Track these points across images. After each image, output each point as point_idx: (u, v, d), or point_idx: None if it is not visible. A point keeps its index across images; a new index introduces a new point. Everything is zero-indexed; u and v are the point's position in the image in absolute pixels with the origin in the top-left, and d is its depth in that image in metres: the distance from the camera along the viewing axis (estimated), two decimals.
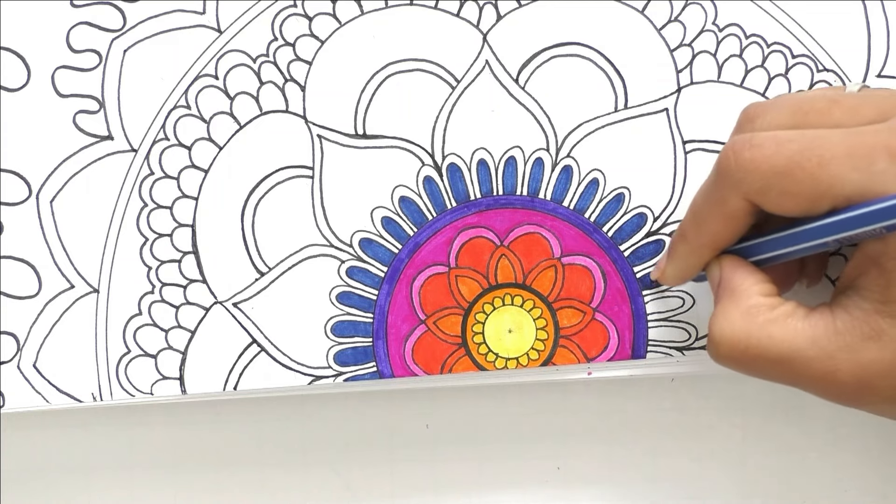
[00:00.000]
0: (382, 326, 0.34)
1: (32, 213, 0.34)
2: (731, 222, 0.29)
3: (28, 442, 0.38)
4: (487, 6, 0.34)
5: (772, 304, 0.28)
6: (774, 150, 0.27)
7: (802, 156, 0.26)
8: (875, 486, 0.37)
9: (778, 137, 0.27)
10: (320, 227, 0.34)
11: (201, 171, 0.34)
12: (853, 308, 0.27)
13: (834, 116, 0.28)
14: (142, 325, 0.34)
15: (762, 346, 0.28)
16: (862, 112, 0.27)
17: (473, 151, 0.34)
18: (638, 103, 0.34)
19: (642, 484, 0.38)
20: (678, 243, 0.31)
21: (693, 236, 0.30)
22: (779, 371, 0.28)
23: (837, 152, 0.26)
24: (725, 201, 0.28)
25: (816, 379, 0.27)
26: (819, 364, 0.27)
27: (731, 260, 0.30)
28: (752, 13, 0.34)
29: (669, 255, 0.32)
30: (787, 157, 0.26)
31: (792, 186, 0.26)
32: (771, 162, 0.27)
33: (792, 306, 0.28)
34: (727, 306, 0.29)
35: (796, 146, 0.26)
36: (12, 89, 0.34)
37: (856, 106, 0.28)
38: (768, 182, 0.27)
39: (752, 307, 0.28)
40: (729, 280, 0.30)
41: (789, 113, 0.29)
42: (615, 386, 0.37)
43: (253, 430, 0.38)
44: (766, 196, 0.27)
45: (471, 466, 0.38)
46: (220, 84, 0.34)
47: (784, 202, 0.27)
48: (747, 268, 0.30)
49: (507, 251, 0.34)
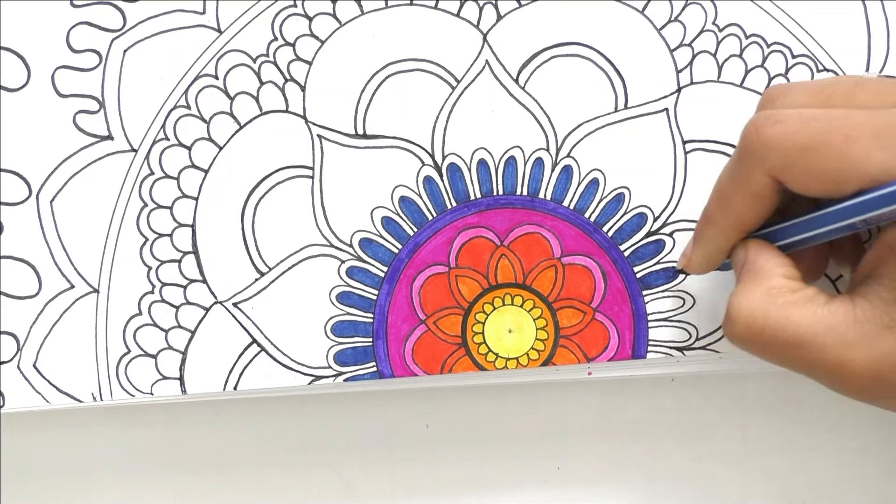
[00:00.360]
0: (382, 326, 0.34)
1: (32, 213, 0.34)
2: (756, 201, 0.28)
3: (28, 442, 0.38)
4: (487, 6, 0.34)
5: (793, 287, 0.28)
6: (799, 126, 0.26)
7: (828, 133, 0.26)
8: (875, 485, 0.37)
9: (802, 114, 0.27)
10: (320, 227, 0.34)
11: (201, 171, 0.34)
12: (873, 297, 0.27)
13: (858, 98, 0.27)
14: (142, 325, 0.34)
15: (779, 327, 0.27)
16: (887, 95, 0.27)
17: (473, 151, 0.34)
18: (638, 103, 0.34)
19: (642, 484, 0.38)
20: (704, 227, 0.31)
21: (719, 217, 0.30)
22: (792, 355, 0.27)
23: (864, 131, 0.25)
24: (750, 179, 0.28)
25: (830, 367, 0.27)
26: (835, 352, 0.26)
27: (757, 243, 0.30)
28: (752, 13, 0.34)
29: (696, 240, 0.32)
30: (812, 134, 0.26)
31: (817, 163, 0.26)
32: (795, 138, 0.26)
33: (813, 291, 0.28)
34: (748, 285, 0.28)
35: (822, 123, 0.26)
36: (12, 89, 0.34)
37: (881, 89, 0.27)
38: (793, 158, 0.26)
39: (773, 288, 0.28)
40: (753, 261, 0.29)
41: (812, 94, 0.28)
42: (615, 386, 0.37)
43: (253, 430, 0.38)
44: (790, 173, 0.27)
45: (471, 466, 0.38)
46: (220, 84, 0.34)
47: (809, 180, 0.26)
48: (772, 251, 0.29)
49: (507, 251, 0.34)
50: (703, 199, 0.33)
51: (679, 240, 0.34)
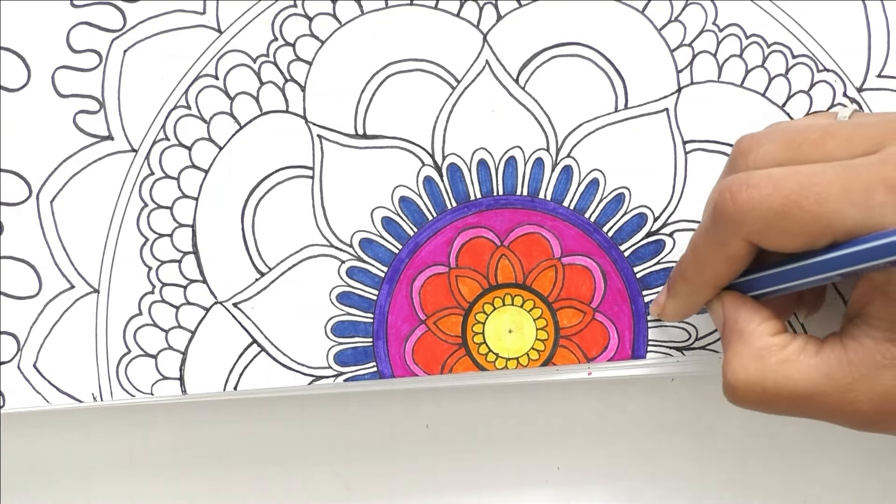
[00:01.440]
0: (382, 326, 0.34)
1: (32, 213, 0.34)
2: (732, 263, 0.29)
3: (28, 442, 0.38)
4: (487, 6, 0.34)
5: (782, 343, 0.28)
6: (771, 190, 0.27)
7: (800, 195, 0.26)
8: (875, 486, 0.37)
9: (773, 176, 0.27)
10: (320, 227, 0.34)
11: (201, 171, 0.34)
12: (863, 338, 0.27)
13: (827, 148, 0.27)
14: (142, 325, 0.34)
15: (778, 387, 0.28)
16: (855, 142, 0.27)
17: (473, 151, 0.34)
18: (638, 103, 0.34)
19: (642, 484, 0.38)
20: (679, 282, 0.31)
21: (694, 276, 0.30)
22: (798, 408, 0.28)
23: (834, 189, 0.26)
24: (726, 243, 0.28)
25: (836, 411, 0.27)
26: (837, 397, 0.27)
27: (733, 298, 0.30)
28: (753, 13, 0.34)
29: (669, 293, 0.32)
30: (784, 197, 0.26)
31: (791, 226, 0.26)
32: (769, 202, 0.27)
33: (802, 342, 0.28)
34: (738, 350, 0.29)
35: (793, 184, 0.26)
36: (12, 89, 0.34)
37: (849, 136, 0.27)
38: (768, 223, 0.27)
39: (763, 349, 0.28)
40: (734, 321, 0.30)
41: (782, 146, 0.28)
42: (615, 386, 0.37)
43: (253, 430, 0.38)
44: (766, 236, 0.27)
45: (471, 466, 0.38)
46: (221, 84, 0.34)
47: (784, 241, 0.27)
48: (750, 305, 0.30)
49: (507, 251, 0.34)
50: (704, 200, 0.33)
51: (679, 240, 0.34)
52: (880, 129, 0.27)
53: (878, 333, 0.27)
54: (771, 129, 0.30)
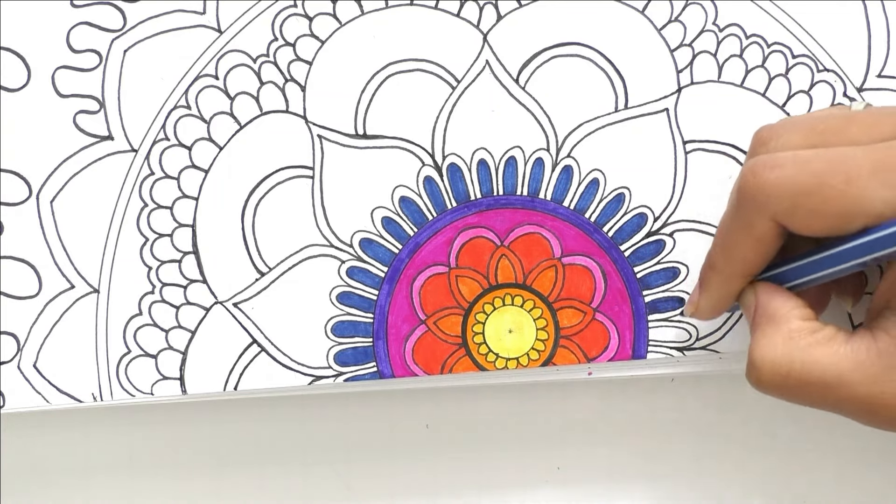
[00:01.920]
0: (383, 326, 0.34)
1: (32, 213, 0.34)
2: (760, 246, 0.28)
3: (28, 442, 0.38)
4: (487, 6, 0.34)
5: (813, 328, 0.28)
6: (797, 169, 0.26)
7: (828, 174, 0.25)
8: (875, 486, 0.37)
9: (798, 157, 0.26)
10: (320, 227, 0.34)
11: (201, 171, 0.34)
12: (892, 328, 0.26)
13: (851, 133, 0.27)
14: (142, 325, 0.34)
15: (805, 371, 0.27)
16: (879, 127, 0.27)
17: (474, 151, 0.34)
18: (638, 103, 0.34)
19: (642, 484, 0.38)
20: (709, 274, 0.31)
21: (723, 265, 0.30)
22: (823, 396, 0.27)
23: (863, 169, 0.25)
24: (753, 225, 0.28)
25: (862, 403, 0.27)
26: (864, 388, 0.26)
27: (766, 286, 0.29)
28: (753, 13, 0.34)
29: (702, 288, 0.31)
30: (811, 175, 0.26)
31: (820, 206, 0.26)
32: (795, 181, 0.26)
33: (833, 330, 0.28)
34: (767, 331, 0.28)
35: (820, 164, 0.26)
36: (12, 89, 0.34)
37: (872, 122, 0.27)
38: (795, 202, 0.26)
39: (793, 331, 0.28)
40: (766, 306, 0.29)
41: (804, 133, 0.28)
42: (615, 386, 0.37)
43: (253, 430, 0.38)
44: (793, 217, 0.26)
45: (471, 466, 0.38)
46: (221, 84, 0.34)
47: (813, 222, 0.26)
48: (783, 293, 0.29)
49: (507, 251, 0.34)
50: (704, 200, 0.34)
51: (679, 240, 0.34)
52: None
53: None
54: (788, 119, 0.29)
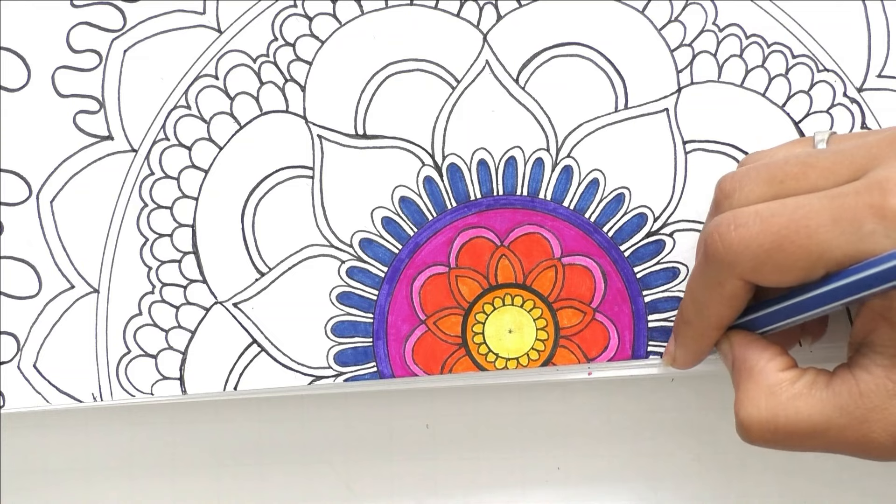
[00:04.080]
0: (382, 326, 0.34)
1: (32, 213, 0.34)
2: (730, 302, 0.29)
3: (28, 442, 0.38)
4: (487, 6, 0.34)
5: (792, 378, 0.28)
6: (760, 227, 0.27)
7: (790, 229, 0.26)
8: (875, 486, 0.37)
9: (760, 213, 0.27)
10: (320, 227, 0.34)
11: (201, 171, 0.34)
12: (872, 367, 0.27)
13: (810, 179, 0.27)
14: (142, 326, 0.34)
15: (791, 424, 0.28)
16: (837, 171, 0.27)
17: (473, 151, 0.34)
18: (638, 103, 0.34)
19: (642, 484, 0.38)
20: (683, 329, 0.32)
21: (696, 320, 0.31)
22: (813, 443, 0.28)
23: (823, 220, 0.26)
24: (722, 284, 0.28)
25: (853, 444, 0.27)
26: (852, 430, 0.27)
27: (741, 336, 0.30)
28: (753, 13, 0.34)
29: (677, 341, 0.32)
30: (774, 233, 0.26)
31: (784, 261, 0.26)
32: (759, 240, 0.27)
33: (812, 375, 0.28)
34: (749, 388, 0.29)
35: (781, 220, 0.26)
36: (12, 89, 0.34)
37: (830, 166, 0.27)
38: (760, 261, 0.27)
39: (774, 385, 0.28)
40: (743, 360, 0.30)
41: (765, 183, 0.28)
42: (615, 386, 0.37)
43: (253, 430, 0.38)
44: (759, 273, 0.27)
45: (471, 466, 0.38)
46: (220, 84, 0.34)
47: (778, 276, 0.27)
48: (758, 343, 0.30)
49: (507, 251, 0.34)
50: (704, 200, 0.34)
51: (679, 240, 0.34)
52: (859, 154, 0.27)
53: (885, 361, 0.27)
54: (750, 167, 0.30)
